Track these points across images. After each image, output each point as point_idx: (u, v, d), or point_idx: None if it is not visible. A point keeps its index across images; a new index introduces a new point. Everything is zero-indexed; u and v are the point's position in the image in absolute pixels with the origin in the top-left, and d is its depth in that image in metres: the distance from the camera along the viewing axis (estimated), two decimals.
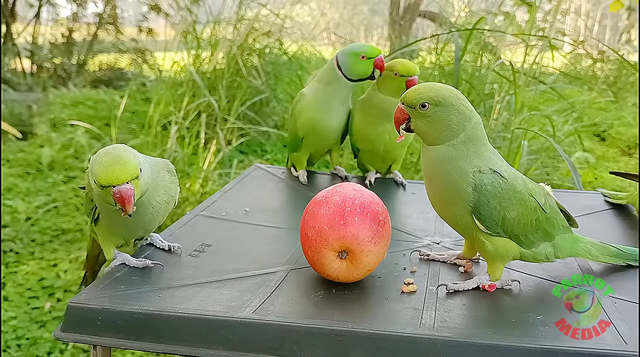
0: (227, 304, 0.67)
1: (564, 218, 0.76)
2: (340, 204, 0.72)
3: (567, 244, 0.75)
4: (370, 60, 1.10)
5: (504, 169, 0.70)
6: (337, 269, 0.72)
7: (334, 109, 1.17)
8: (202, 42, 4.07)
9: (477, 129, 0.69)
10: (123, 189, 0.68)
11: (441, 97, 0.68)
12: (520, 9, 3.94)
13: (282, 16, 4.46)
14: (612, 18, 11.71)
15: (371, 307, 0.68)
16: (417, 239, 0.90)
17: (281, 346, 0.62)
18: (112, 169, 0.68)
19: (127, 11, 8.66)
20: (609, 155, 3.98)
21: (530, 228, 0.70)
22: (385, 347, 0.60)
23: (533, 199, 0.70)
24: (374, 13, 13.57)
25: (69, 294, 2.27)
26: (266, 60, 4.24)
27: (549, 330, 0.62)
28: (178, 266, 0.79)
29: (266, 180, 1.18)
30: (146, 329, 0.65)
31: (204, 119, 3.24)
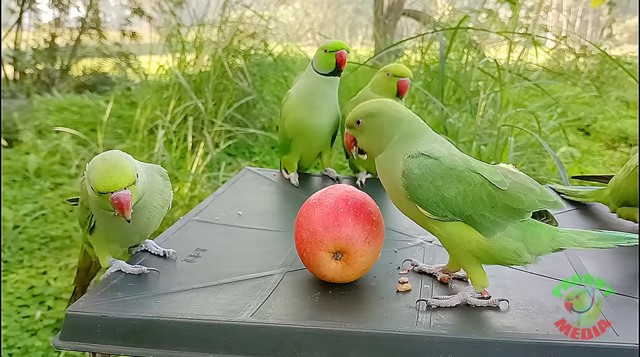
0: (225, 308, 0.68)
1: (546, 193, 0.70)
2: (333, 205, 0.73)
3: (544, 237, 0.69)
4: (332, 54, 1.13)
5: (437, 149, 0.69)
6: (332, 270, 0.73)
7: (318, 107, 1.18)
8: (187, 45, 4.06)
9: (410, 126, 0.71)
10: (121, 194, 0.68)
11: (370, 108, 0.73)
12: (503, 7, 3.97)
13: (266, 17, 4.46)
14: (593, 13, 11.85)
15: (368, 307, 0.69)
16: (410, 238, 0.91)
17: (281, 348, 0.62)
18: (110, 175, 0.68)
19: (110, 15, 8.60)
20: (593, 149, 4.03)
21: (484, 205, 0.67)
22: (383, 346, 0.61)
23: (477, 175, 0.67)
24: (358, 12, 13.60)
25: (60, 302, 2.26)
26: (252, 62, 4.24)
27: (543, 324, 0.63)
28: (174, 271, 0.79)
29: (258, 183, 1.19)
30: (145, 335, 0.65)
31: (190, 123, 3.23)
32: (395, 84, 1.12)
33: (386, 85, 1.14)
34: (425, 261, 0.82)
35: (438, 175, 0.67)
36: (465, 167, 0.67)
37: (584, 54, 5.62)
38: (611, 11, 6.23)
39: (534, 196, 0.68)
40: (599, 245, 0.70)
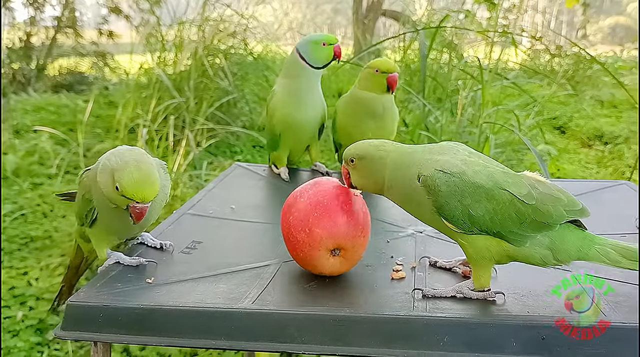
0: (225, 296, 0.69)
1: (573, 201, 0.68)
2: (325, 203, 0.74)
3: (572, 245, 0.67)
4: (331, 47, 1.18)
5: (453, 164, 0.67)
6: (330, 266, 0.74)
7: (306, 101, 1.20)
8: (166, 44, 4.04)
9: (398, 154, 0.72)
10: (144, 207, 0.72)
11: (359, 150, 0.74)
12: (480, 7, 4.04)
13: (246, 16, 4.46)
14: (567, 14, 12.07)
15: (364, 294, 0.71)
16: (401, 228, 0.93)
17: (282, 333, 0.64)
18: (142, 188, 0.71)
19: (86, 14, 8.50)
20: (569, 147, 4.12)
21: (513, 223, 0.66)
22: (382, 329, 0.63)
23: (505, 192, 0.65)
24: (337, 12, 13.64)
25: (41, 302, 2.24)
26: (232, 61, 4.23)
27: (534, 306, 0.66)
28: (171, 263, 0.80)
29: (248, 178, 1.20)
30: (148, 324, 0.66)
31: (172, 122, 3.22)
32: (384, 79, 1.14)
33: (375, 81, 1.15)
34: (417, 251, 0.85)
35: (466, 194, 0.66)
36: (492, 184, 0.66)
37: (559, 54, 5.73)
38: (585, 12, 6.36)
39: (561, 207, 0.67)
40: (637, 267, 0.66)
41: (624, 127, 4.35)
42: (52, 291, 2.29)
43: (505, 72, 3.57)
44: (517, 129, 2.35)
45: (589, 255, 0.67)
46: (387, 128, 1.20)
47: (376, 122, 1.18)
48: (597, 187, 1.13)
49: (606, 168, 3.70)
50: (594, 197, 1.08)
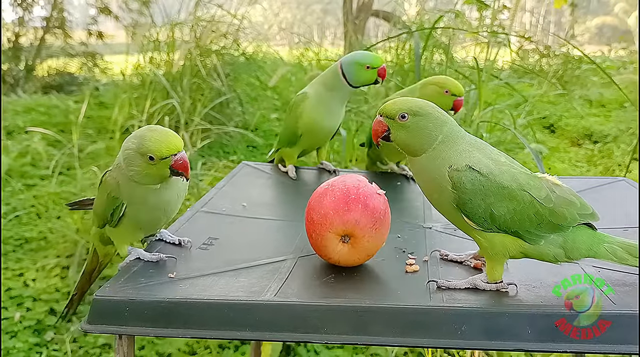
0: (247, 289, 0.71)
1: (585, 205, 0.71)
2: (345, 192, 0.78)
3: (583, 244, 0.71)
4: (375, 70, 1.17)
5: (484, 163, 0.69)
6: (339, 252, 0.77)
7: (334, 111, 1.23)
8: (158, 45, 4.05)
9: (452, 130, 0.72)
10: (184, 155, 0.75)
11: (418, 107, 0.72)
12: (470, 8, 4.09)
13: (238, 17, 4.47)
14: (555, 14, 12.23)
15: (381, 286, 0.74)
16: (411, 225, 0.96)
17: (305, 324, 0.66)
18: (169, 140, 0.75)
19: (74, 14, 8.45)
20: (560, 146, 4.18)
21: (531, 223, 0.69)
22: (402, 319, 0.66)
23: (527, 194, 0.68)
24: (327, 13, 13.67)
25: (39, 303, 2.24)
26: (225, 61, 4.25)
27: (546, 296, 0.68)
28: (190, 258, 0.82)
29: (256, 177, 1.22)
30: (173, 317, 0.68)
31: (167, 122, 3.23)
32: (451, 101, 1.16)
33: (442, 101, 1.14)
34: (427, 245, 0.87)
35: (490, 193, 0.68)
36: (515, 186, 0.68)
37: (547, 54, 5.80)
38: (573, 12, 6.45)
39: (574, 210, 0.70)
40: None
41: (612, 126, 4.42)
42: (49, 292, 2.30)
43: (497, 72, 3.62)
44: (512, 128, 2.39)
45: (598, 253, 0.71)
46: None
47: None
48: (596, 184, 1.17)
49: (596, 166, 3.76)
50: (594, 194, 1.11)
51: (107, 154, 3.45)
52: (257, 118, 4.35)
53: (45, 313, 2.16)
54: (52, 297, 2.26)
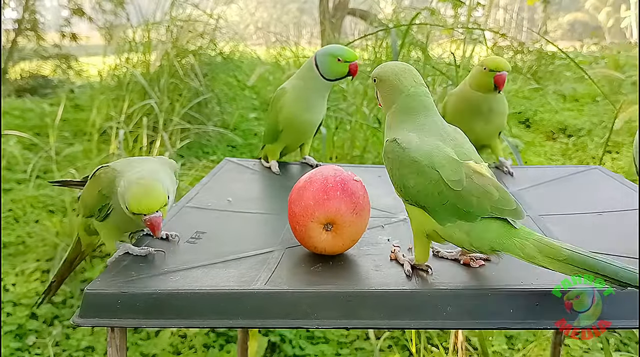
0: (238, 279, 0.73)
1: (507, 201, 0.69)
2: (322, 181, 0.80)
3: (490, 235, 0.69)
4: (346, 64, 1.18)
5: (408, 138, 0.73)
6: (323, 240, 0.79)
7: (314, 105, 1.24)
8: (135, 45, 4.02)
9: (409, 101, 0.76)
10: (153, 218, 0.75)
11: (381, 73, 0.79)
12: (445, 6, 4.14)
13: (215, 16, 4.46)
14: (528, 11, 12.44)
15: (368, 273, 0.76)
16: (393, 215, 0.98)
17: (296, 310, 0.68)
18: (144, 200, 0.75)
19: (46, 16, 8.34)
20: (535, 140, 4.25)
21: (434, 201, 0.70)
22: (389, 303, 0.68)
23: (435, 172, 0.69)
24: (303, 11, 13.68)
25: (19, 308, 2.22)
26: (202, 61, 4.24)
27: (526, 276, 0.71)
28: (179, 252, 0.84)
29: (239, 172, 1.24)
30: (165, 308, 0.70)
31: (145, 123, 3.22)
32: (491, 78, 1.15)
33: (482, 79, 1.17)
34: (409, 235, 0.90)
35: (404, 165, 0.72)
36: (426, 162, 0.70)
37: (521, 50, 5.89)
38: (546, 9, 6.56)
39: (487, 201, 0.68)
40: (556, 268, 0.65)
41: (586, 119, 4.52)
42: (29, 297, 2.28)
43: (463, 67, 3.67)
44: None
45: (504, 246, 0.68)
46: (495, 124, 1.24)
47: (482, 120, 1.22)
48: (571, 172, 1.21)
49: (571, 159, 3.84)
50: (569, 181, 1.16)
51: (84, 157, 3.42)
52: (236, 118, 4.35)
53: (26, 317, 2.15)
54: (33, 301, 2.24)
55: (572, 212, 0.97)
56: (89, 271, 2.44)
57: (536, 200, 1.04)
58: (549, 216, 0.95)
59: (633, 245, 0.81)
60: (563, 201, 1.04)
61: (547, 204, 1.02)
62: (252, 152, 3.96)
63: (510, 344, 2.00)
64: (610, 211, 0.95)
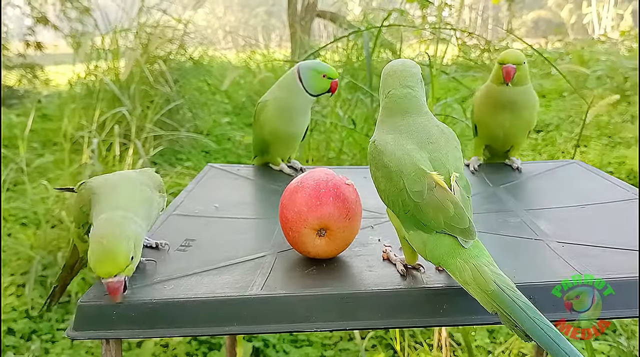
0: (232, 286, 0.73)
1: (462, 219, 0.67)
2: (315, 187, 0.80)
3: (439, 251, 0.68)
4: (329, 80, 1.19)
5: (385, 140, 0.73)
6: (317, 246, 0.79)
7: (297, 118, 1.24)
8: (103, 53, 3.97)
9: (389, 102, 0.76)
10: (110, 283, 0.69)
11: (385, 68, 0.79)
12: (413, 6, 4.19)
13: (184, 21, 4.43)
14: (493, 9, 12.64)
15: (362, 274, 0.76)
16: (381, 215, 0.99)
17: (294, 314, 0.68)
18: (102, 264, 0.69)
19: (8, 25, 8.15)
20: None
21: (398, 208, 0.70)
22: (387, 302, 0.69)
23: (401, 180, 0.69)
24: (271, 15, 13.66)
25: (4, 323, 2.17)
26: (172, 67, 4.20)
27: (523, 272, 0.73)
28: (170, 260, 0.83)
29: (223, 178, 1.23)
30: (161, 317, 0.69)
31: (117, 131, 3.17)
32: (501, 71, 1.18)
33: (497, 72, 1.20)
34: None
35: (377, 168, 0.73)
36: (394, 169, 0.70)
37: (488, 48, 5.98)
38: (511, 7, 6.68)
39: (442, 216, 0.67)
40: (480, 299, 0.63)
41: (554, 115, 4.61)
42: (5, 311, 2.23)
43: (443, 68, 3.72)
44: (463, 120, 2.47)
45: (447, 265, 0.67)
46: (524, 118, 1.25)
47: (508, 114, 1.23)
48: (551, 167, 1.24)
49: (540, 154, 3.92)
50: (550, 175, 1.18)
51: (55, 168, 3.36)
52: (209, 123, 4.33)
53: (3, 333, 2.10)
54: (10, 316, 2.19)
55: (556, 205, 0.99)
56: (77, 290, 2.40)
57: (520, 195, 1.06)
58: (534, 211, 0.97)
59: (622, 236, 0.83)
60: (547, 196, 1.06)
61: (531, 198, 1.05)
62: (226, 157, 3.94)
63: (491, 338, 2.03)
64: (592, 203, 0.98)
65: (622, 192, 1.03)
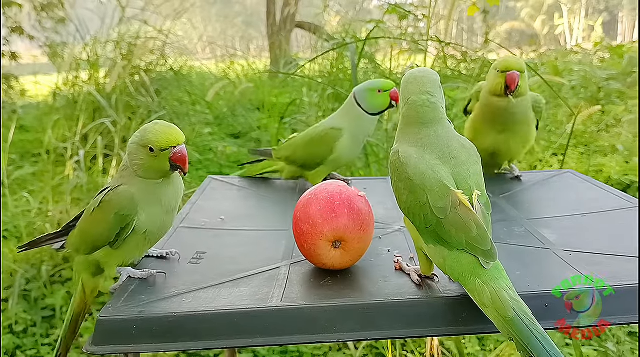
0: (252, 297, 0.73)
1: (484, 240, 0.68)
2: (329, 199, 0.81)
3: (460, 269, 0.69)
4: (387, 93, 1.17)
5: (409, 152, 0.73)
6: (332, 257, 0.81)
7: (362, 144, 1.24)
8: (83, 63, 3.93)
9: (410, 110, 0.75)
10: (182, 148, 0.78)
11: (403, 78, 0.79)
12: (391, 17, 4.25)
13: (165, 32, 4.42)
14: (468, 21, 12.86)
15: (379, 284, 0.77)
16: (387, 225, 1.01)
17: (316, 325, 0.69)
18: (170, 132, 0.78)
19: None
20: None
21: (420, 222, 0.71)
22: (408, 312, 0.70)
23: (425, 195, 0.69)
24: (249, 25, 13.66)
25: None
26: (153, 78, 4.18)
27: (535, 280, 0.75)
28: (184, 273, 0.83)
29: (225, 190, 1.24)
30: (183, 330, 0.69)
31: (100, 142, 3.14)
32: (504, 79, 1.12)
33: (495, 81, 1.14)
34: (408, 243, 0.92)
35: (400, 179, 0.73)
36: (419, 183, 0.70)
37: (464, 59, 6.08)
38: (486, 19, 6.80)
39: (464, 236, 0.68)
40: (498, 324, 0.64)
41: None
42: None
43: None
44: None
45: (466, 283, 0.68)
46: (520, 135, 1.20)
47: (506, 128, 1.19)
48: (547, 176, 1.27)
49: (520, 163, 3.98)
50: (546, 185, 1.21)
51: (35, 179, 3.31)
52: (190, 134, 4.30)
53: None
54: None
55: (557, 214, 1.01)
56: (49, 297, 2.36)
57: (520, 204, 1.08)
58: (536, 220, 1.00)
59: (625, 244, 0.85)
60: (546, 205, 1.09)
61: (531, 208, 1.07)
62: (208, 168, 3.93)
63: (481, 345, 2.06)
64: (592, 212, 1.01)
65: (618, 200, 1.06)
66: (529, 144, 1.24)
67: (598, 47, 7.18)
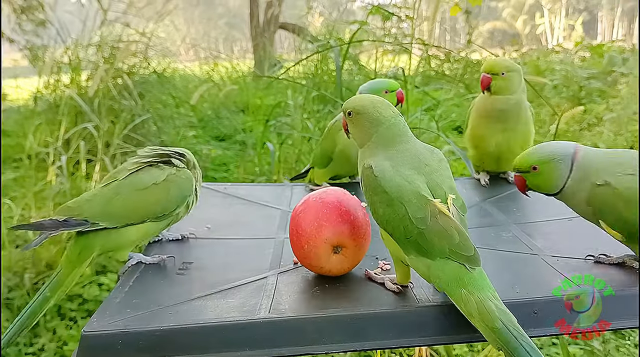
0: (239, 309, 0.73)
1: (467, 247, 0.69)
2: (336, 204, 0.81)
3: (446, 277, 0.69)
4: (393, 93, 1.17)
5: (383, 166, 0.73)
6: (331, 262, 0.81)
7: None
8: (64, 67, 3.88)
9: (389, 131, 0.76)
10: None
11: (359, 106, 0.79)
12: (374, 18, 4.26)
13: (148, 34, 4.38)
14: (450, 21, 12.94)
15: (366, 292, 0.77)
16: (374, 232, 1.00)
17: (304, 337, 0.69)
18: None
19: None
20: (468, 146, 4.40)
21: (400, 233, 0.71)
22: (397, 322, 0.69)
23: (402, 206, 0.70)
24: (232, 27, 13.60)
25: None
26: (135, 81, 4.14)
27: (525, 288, 0.75)
28: (171, 285, 0.82)
29: (211, 196, 1.22)
30: (170, 344, 0.68)
31: (83, 147, 3.10)
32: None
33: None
34: None
35: (375, 193, 0.73)
36: (395, 195, 0.71)
37: (448, 59, 6.11)
38: (468, 19, 6.84)
39: (446, 244, 0.68)
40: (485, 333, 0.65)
41: None
42: None
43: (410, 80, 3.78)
44: (434, 131, 2.51)
45: (452, 293, 0.68)
46: (518, 132, 1.23)
47: (500, 124, 1.23)
48: None
49: None
50: None
51: (17, 185, 3.26)
52: (175, 137, 4.27)
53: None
54: None
55: (544, 219, 1.02)
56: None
57: (507, 209, 1.09)
58: (523, 224, 1.00)
59: (612, 249, 0.85)
60: (532, 208, 1.09)
61: (518, 212, 1.07)
62: None
63: (469, 346, 2.07)
64: (578, 216, 1.01)
65: None
66: (528, 144, 1.25)
67: (579, 47, 7.25)
